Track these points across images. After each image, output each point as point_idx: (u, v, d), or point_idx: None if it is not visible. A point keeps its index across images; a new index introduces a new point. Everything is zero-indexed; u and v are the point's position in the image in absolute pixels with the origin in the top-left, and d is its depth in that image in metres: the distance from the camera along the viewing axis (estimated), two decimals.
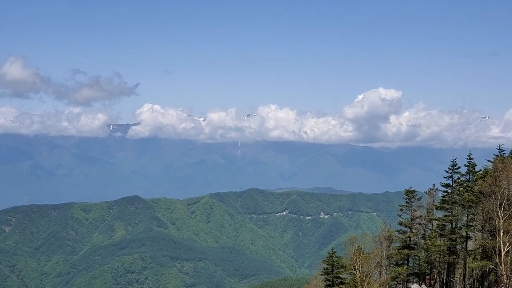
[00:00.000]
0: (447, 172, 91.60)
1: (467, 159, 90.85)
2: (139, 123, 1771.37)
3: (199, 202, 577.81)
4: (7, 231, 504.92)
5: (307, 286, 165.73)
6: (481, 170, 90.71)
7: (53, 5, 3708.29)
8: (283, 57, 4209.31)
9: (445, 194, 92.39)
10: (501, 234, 74.52)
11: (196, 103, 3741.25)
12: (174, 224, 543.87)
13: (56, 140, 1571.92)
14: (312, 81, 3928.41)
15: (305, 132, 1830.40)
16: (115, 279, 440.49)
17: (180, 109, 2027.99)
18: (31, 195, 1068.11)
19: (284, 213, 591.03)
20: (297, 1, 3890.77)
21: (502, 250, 73.96)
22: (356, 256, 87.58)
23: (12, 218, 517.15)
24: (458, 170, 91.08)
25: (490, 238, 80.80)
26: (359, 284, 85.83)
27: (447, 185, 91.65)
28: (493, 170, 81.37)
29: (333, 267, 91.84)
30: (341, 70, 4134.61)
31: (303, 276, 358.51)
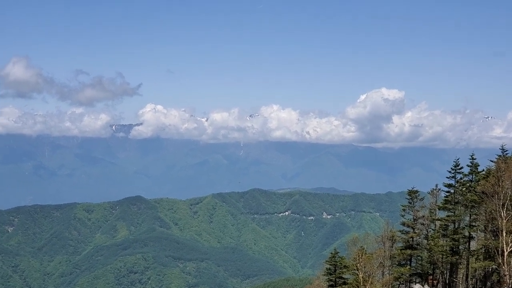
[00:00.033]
0: (449, 172, 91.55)
1: (470, 159, 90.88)
2: (141, 124, 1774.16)
3: (201, 202, 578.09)
4: (10, 231, 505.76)
5: (309, 286, 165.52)
6: (483, 170, 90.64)
7: (56, 5, 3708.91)
8: (285, 57, 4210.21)
9: (447, 194, 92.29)
10: (504, 234, 74.52)
11: (199, 104, 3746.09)
12: (176, 224, 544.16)
13: (59, 141, 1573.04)
14: (315, 81, 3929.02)
15: (307, 132, 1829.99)
16: (117, 279, 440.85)
17: (183, 109, 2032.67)
18: (33, 195, 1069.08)
19: (286, 213, 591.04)
20: (299, 1, 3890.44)
21: (505, 250, 73.93)
22: (359, 256, 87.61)
23: (15, 218, 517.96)
24: (460, 170, 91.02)
25: (493, 238, 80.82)
26: (361, 284, 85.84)
27: (449, 185, 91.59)
28: (496, 170, 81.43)
29: (336, 267, 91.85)
30: (343, 70, 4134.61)
31: (305, 276, 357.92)
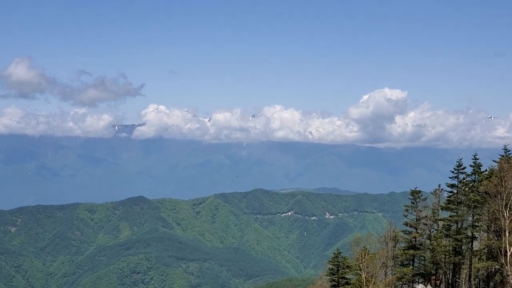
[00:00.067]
0: (452, 172, 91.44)
1: (473, 159, 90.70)
2: (144, 124, 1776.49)
3: (204, 202, 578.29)
4: (12, 231, 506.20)
5: (312, 286, 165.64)
6: (486, 170, 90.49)
7: (59, 5, 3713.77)
8: (288, 57, 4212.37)
9: (450, 194, 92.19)
10: (507, 235, 74.47)
11: (201, 104, 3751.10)
12: (179, 224, 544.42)
13: (62, 141, 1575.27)
14: (317, 81, 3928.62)
15: (310, 133, 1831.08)
16: (120, 280, 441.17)
17: (185, 109, 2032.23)
18: (36, 195, 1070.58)
19: (289, 213, 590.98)
20: (302, 1, 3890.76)
21: (508, 251, 73.88)
22: (362, 256, 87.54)
23: (18, 218, 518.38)
24: (463, 170, 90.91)
25: (496, 238, 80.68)
26: (364, 284, 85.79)
27: (452, 186, 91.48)
28: (499, 170, 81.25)
29: (339, 268, 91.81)
30: (346, 70, 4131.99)
31: (308, 277, 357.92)
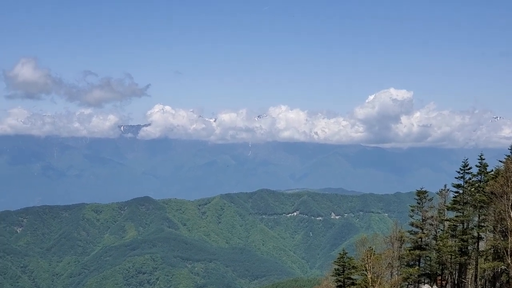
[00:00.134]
0: (458, 172, 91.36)
1: (479, 159, 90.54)
2: (150, 124, 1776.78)
3: (210, 203, 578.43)
4: (18, 232, 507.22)
5: (318, 287, 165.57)
6: (492, 170, 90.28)
7: (65, 6, 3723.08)
8: (294, 57, 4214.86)
9: (456, 194, 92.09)
10: None
11: (207, 104, 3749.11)
12: (185, 225, 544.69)
13: (68, 141, 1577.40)
14: (323, 81, 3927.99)
15: (316, 133, 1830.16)
16: (126, 280, 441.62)
17: (191, 110, 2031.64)
18: (42, 196, 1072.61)
19: (295, 213, 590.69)
20: (307, 1, 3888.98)
21: None
22: (367, 257, 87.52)
23: (24, 219, 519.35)
24: (469, 170, 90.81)
25: (502, 238, 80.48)
26: (370, 285, 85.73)
27: (458, 186, 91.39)
28: (505, 170, 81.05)
29: (344, 268, 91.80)
30: (352, 70, 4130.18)
31: (314, 277, 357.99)
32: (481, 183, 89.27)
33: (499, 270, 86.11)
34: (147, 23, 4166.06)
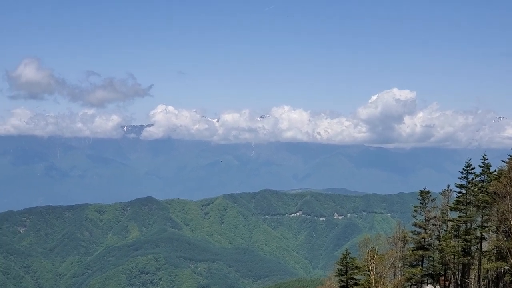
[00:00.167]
0: (461, 172, 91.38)
1: (482, 159, 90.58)
2: (153, 124, 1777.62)
3: (212, 203, 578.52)
4: (22, 232, 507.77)
5: (321, 287, 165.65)
6: (495, 170, 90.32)
7: (68, 6, 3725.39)
8: (296, 58, 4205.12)
9: (459, 195, 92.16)
10: None
11: (210, 104, 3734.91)
12: (188, 225, 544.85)
13: (71, 142, 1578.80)
14: (326, 82, 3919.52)
15: (318, 133, 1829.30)
16: (129, 280, 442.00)
17: (194, 110, 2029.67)
18: (45, 196, 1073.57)
19: (298, 214, 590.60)
20: (309, 2, 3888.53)
21: None
22: (371, 257, 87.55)
23: (27, 219, 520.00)
24: (472, 170, 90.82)
25: (505, 239, 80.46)
26: (373, 285, 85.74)
27: (461, 186, 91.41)
28: (508, 170, 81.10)
29: (347, 268, 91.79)
30: (355, 70, 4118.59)
31: (317, 277, 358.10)
32: (484, 183, 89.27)
33: (502, 271, 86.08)
34: (151, 23, 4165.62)
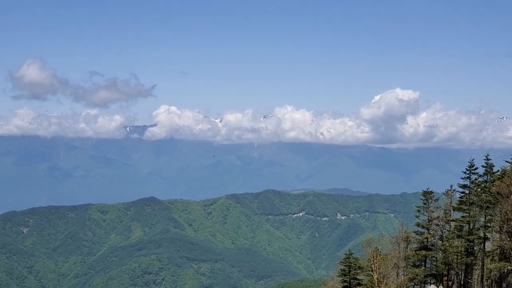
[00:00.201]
0: (464, 173, 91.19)
1: (485, 159, 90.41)
2: (155, 125, 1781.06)
3: (215, 203, 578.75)
4: (25, 232, 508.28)
5: (324, 287, 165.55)
6: (498, 170, 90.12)
7: (70, 6, 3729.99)
8: (299, 58, 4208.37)
9: (462, 195, 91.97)
10: None
11: (213, 105, 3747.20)
12: (190, 225, 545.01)
13: (74, 142, 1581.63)
14: (329, 82, 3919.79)
15: (321, 133, 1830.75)
16: (132, 280, 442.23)
17: (197, 110, 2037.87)
18: (48, 196, 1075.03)
19: (300, 214, 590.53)
20: (312, 2, 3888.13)
21: None
22: (373, 257, 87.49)
23: (30, 219, 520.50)
24: (475, 171, 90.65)
25: (508, 239, 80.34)
26: (376, 285, 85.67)
27: (464, 186, 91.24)
28: (511, 170, 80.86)
29: (350, 268, 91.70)
30: (357, 70, 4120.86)
31: (320, 277, 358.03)
32: (487, 183, 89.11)
33: (505, 271, 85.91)
34: (154, 23, 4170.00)
